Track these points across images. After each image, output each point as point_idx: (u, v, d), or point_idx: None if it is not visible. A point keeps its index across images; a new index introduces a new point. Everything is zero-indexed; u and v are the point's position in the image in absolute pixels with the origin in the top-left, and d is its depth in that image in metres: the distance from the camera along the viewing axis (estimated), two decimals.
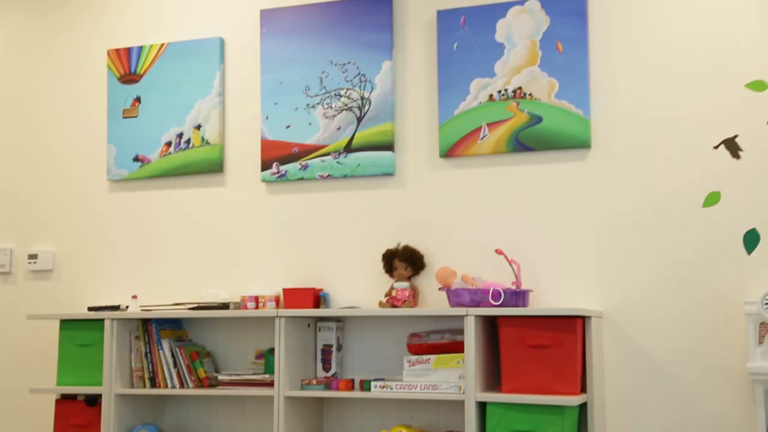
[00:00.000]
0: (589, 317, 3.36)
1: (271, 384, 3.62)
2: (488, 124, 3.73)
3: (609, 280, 3.55)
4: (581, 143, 3.61)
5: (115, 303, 4.03)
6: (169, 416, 4.02)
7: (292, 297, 3.78)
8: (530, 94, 3.68)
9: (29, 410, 4.20)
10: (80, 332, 3.87)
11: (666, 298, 3.48)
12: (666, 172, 3.52)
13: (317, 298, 3.80)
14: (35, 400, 4.11)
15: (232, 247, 4.07)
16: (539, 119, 3.66)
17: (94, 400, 3.84)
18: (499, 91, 3.72)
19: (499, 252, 3.54)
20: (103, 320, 3.82)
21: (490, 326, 3.46)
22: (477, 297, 3.43)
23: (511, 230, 3.68)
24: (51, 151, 4.41)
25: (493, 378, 3.47)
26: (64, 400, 3.92)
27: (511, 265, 3.53)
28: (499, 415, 3.28)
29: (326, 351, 3.78)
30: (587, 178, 3.62)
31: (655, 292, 3.49)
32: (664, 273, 3.49)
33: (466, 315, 3.36)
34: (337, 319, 3.80)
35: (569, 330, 3.28)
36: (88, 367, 3.83)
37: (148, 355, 3.84)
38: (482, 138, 3.74)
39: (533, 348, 3.30)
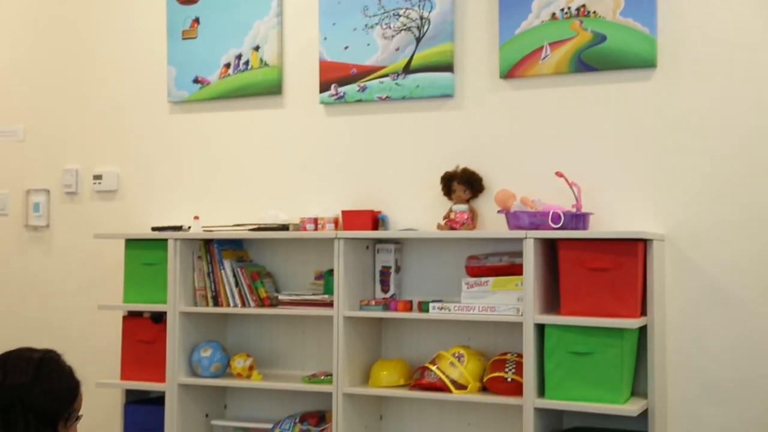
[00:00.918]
0: (651, 240, 3.32)
1: (330, 304, 3.67)
2: (550, 44, 3.65)
3: (672, 202, 3.48)
4: (647, 62, 3.51)
5: (177, 223, 4.10)
6: (231, 334, 4.12)
7: (351, 219, 3.80)
8: (594, 12, 3.57)
9: (98, 326, 4.33)
10: (145, 251, 3.96)
11: (730, 220, 3.41)
12: (734, 92, 3.41)
13: (376, 220, 3.82)
14: (103, 316, 4.24)
15: (291, 169, 4.09)
16: (603, 38, 3.56)
17: (159, 318, 3.94)
18: (562, 9, 3.62)
19: (559, 174, 3.49)
20: (166, 240, 3.90)
21: (549, 249, 3.45)
22: (536, 220, 3.41)
23: (572, 152, 3.63)
24: (113, 73, 4.45)
25: (552, 301, 3.46)
26: (131, 317, 4.03)
27: (571, 187, 3.48)
28: (557, 338, 3.29)
29: (385, 272, 3.80)
30: (652, 99, 3.53)
31: (718, 215, 3.42)
32: (729, 196, 3.41)
33: (525, 238, 3.34)
34: (396, 241, 3.82)
35: (630, 253, 3.25)
36: (153, 286, 3.92)
37: (211, 274, 3.91)
38: (544, 58, 3.66)
39: (593, 271, 3.28)
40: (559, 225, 3.36)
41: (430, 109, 3.86)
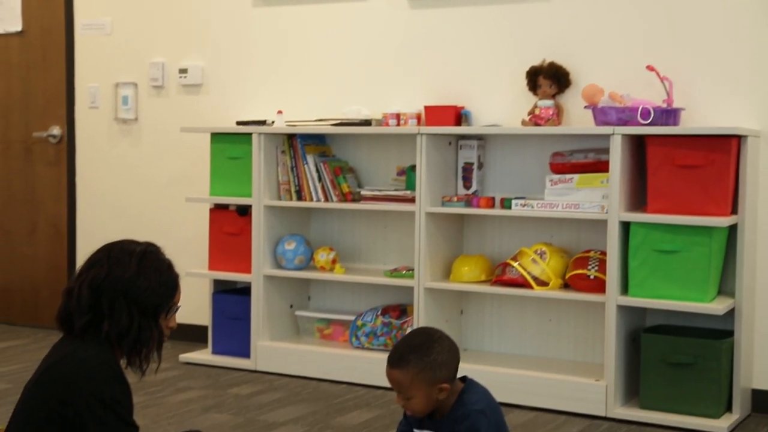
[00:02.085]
0: (745, 136, 3.20)
1: (412, 200, 3.67)
2: None
3: None
4: None
5: (261, 118, 4.13)
6: (314, 228, 4.18)
7: (434, 114, 3.76)
8: None
9: (186, 218, 4.44)
10: (230, 145, 4.01)
11: None
12: None
13: (459, 116, 3.77)
14: (191, 208, 4.34)
15: (373, 64, 4.04)
16: None
17: (244, 211, 4.02)
18: None
19: (650, 68, 3.37)
20: (250, 134, 3.94)
21: (637, 146, 3.36)
22: (625, 115, 3.32)
23: (664, 45, 3.49)
24: None
25: (638, 199, 3.40)
26: (217, 209, 4.12)
27: (662, 81, 3.36)
28: (642, 235, 3.24)
29: (467, 169, 3.78)
30: None
31: None
32: None
33: (613, 134, 3.27)
34: (479, 137, 3.77)
35: (722, 149, 3.15)
36: (238, 179, 3.99)
37: (294, 169, 3.95)
38: None
39: (683, 168, 3.20)
40: (649, 121, 3.26)
41: (516, 1, 3.74)
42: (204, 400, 3.54)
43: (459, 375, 2.20)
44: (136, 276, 2.01)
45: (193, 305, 4.20)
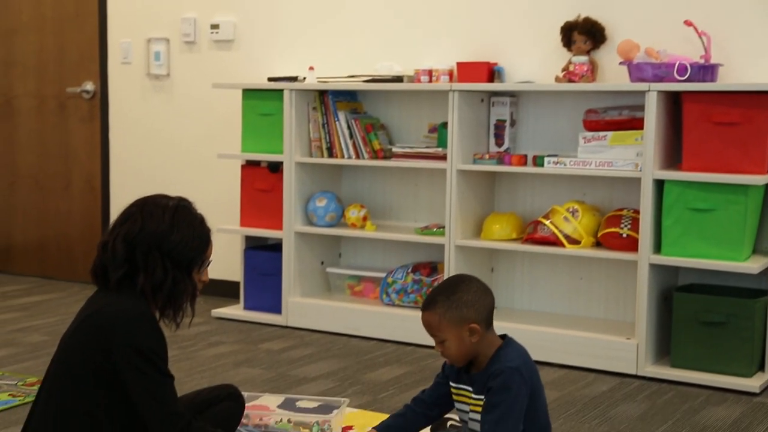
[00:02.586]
0: None
1: (443, 157, 3.66)
2: None
3: None
4: None
5: (293, 74, 4.11)
6: (345, 185, 4.18)
7: (466, 71, 3.73)
8: None
9: (218, 174, 4.46)
10: (261, 102, 4.01)
11: None
12: None
13: (491, 72, 3.73)
14: (223, 165, 4.36)
15: (406, 19, 4.00)
16: None
17: (276, 167, 4.03)
18: None
19: (688, 23, 3.31)
20: (282, 91, 3.93)
21: (673, 103, 3.32)
22: (661, 71, 3.27)
23: None
24: None
25: (672, 157, 3.36)
26: (249, 166, 4.13)
27: (700, 37, 3.30)
28: (677, 194, 3.21)
29: (499, 126, 3.75)
30: None
31: None
32: None
33: (648, 90, 3.22)
34: (511, 94, 3.74)
35: (761, 106, 3.10)
36: (269, 136, 3.99)
37: (326, 126, 3.94)
38: None
39: (719, 125, 3.15)
40: (686, 77, 3.21)
41: None
42: (236, 355, 3.59)
43: (498, 334, 2.21)
44: (170, 230, 2.04)
45: (225, 261, 4.24)
